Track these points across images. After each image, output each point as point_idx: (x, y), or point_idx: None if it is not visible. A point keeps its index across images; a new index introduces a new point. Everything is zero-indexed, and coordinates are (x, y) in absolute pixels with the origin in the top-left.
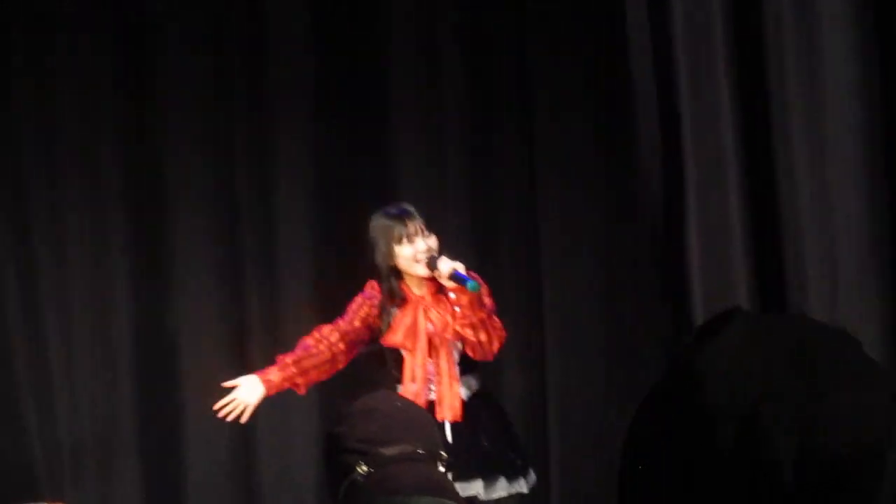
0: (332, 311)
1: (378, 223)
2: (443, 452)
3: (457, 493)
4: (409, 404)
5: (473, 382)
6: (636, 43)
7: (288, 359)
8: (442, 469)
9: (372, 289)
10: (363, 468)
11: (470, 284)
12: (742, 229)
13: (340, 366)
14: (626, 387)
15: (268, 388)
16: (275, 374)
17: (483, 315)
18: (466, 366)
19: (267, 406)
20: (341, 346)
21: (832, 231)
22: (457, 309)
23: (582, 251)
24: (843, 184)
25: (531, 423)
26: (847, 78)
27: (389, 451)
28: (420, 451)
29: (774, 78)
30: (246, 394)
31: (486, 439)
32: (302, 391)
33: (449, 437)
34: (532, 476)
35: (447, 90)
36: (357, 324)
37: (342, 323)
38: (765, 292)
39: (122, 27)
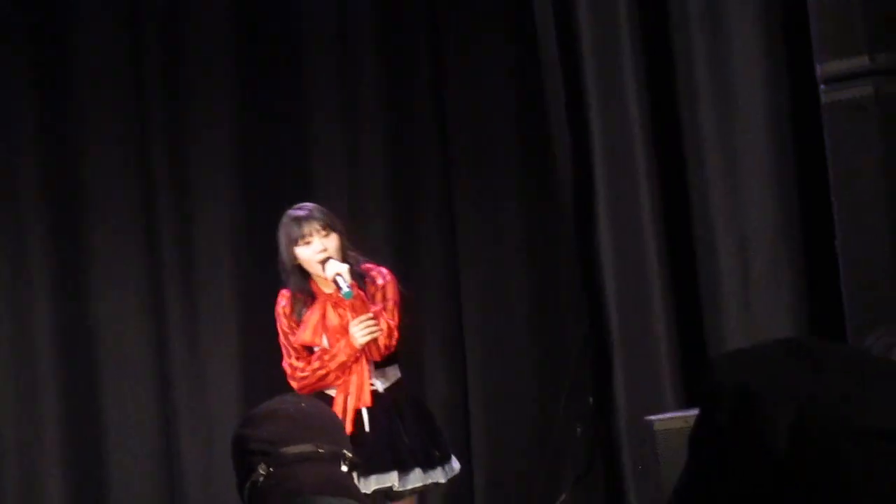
0: (252, 312)
1: (281, 224)
2: (347, 452)
3: (360, 493)
4: (316, 404)
5: (391, 374)
6: (546, 52)
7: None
8: (345, 469)
9: (283, 297)
10: (264, 469)
11: (343, 292)
12: (654, 229)
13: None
14: (545, 379)
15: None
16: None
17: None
18: (386, 359)
19: (190, 412)
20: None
21: (743, 228)
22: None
23: (500, 246)
24: (753, 180)
25: (453, 415)
26: (756, 78)
27: (291, 450)
28: (321, 451)
29: (683, 84)
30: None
31: (403, 430)
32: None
33: (367, 427)
34: (454, 466)
35: (364, 91)
36: (297, 345)
37: (293, 353)
38: (677, 289)
39: (36, 27)
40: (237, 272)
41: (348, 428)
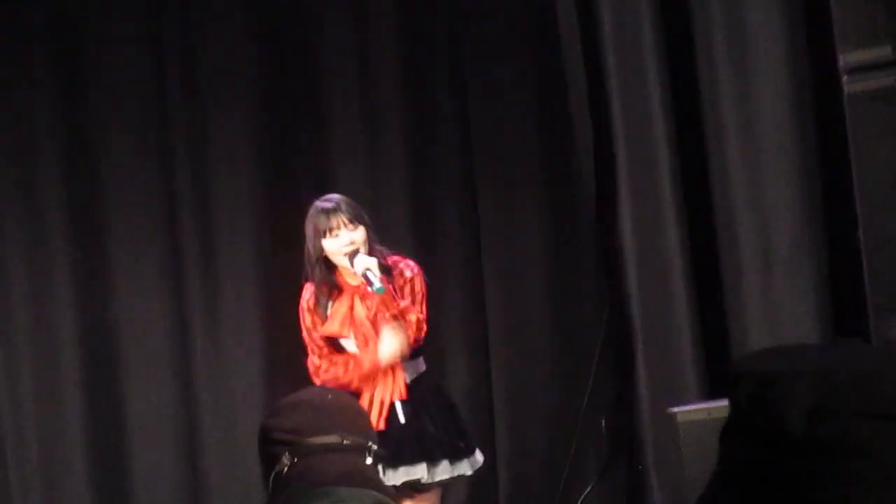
0: (275, 304)
1: (309, 215)
2: (372, 444)
3: (382, 484)
4: (341, 396)
5: (417, 367)
6: (568, 44)
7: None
8: (370, 460)
9: (307, 291)
10: (288, 458)
11: (373, 287)
12: (676, 218)
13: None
14: (568, 371)
15: None
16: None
17: (395, 311)
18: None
19: (214, 402)
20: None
21: (764, 216)
22: (374, 301)
23: (522, 237)
24: (774, 168)
25: (476, 408)
26: (777, 68)
27: (315, 441)
28: (346, 442)
29: (704, 73)
30: None
31: (430, 422)
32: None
33: (401, 418)
34: (477, 458)
35: (384, 85)
36: (320, 342)
37: (316, 350)
38: (699, 278)
39: (57, 29)
40: (259, 263)
41: (381, 421)
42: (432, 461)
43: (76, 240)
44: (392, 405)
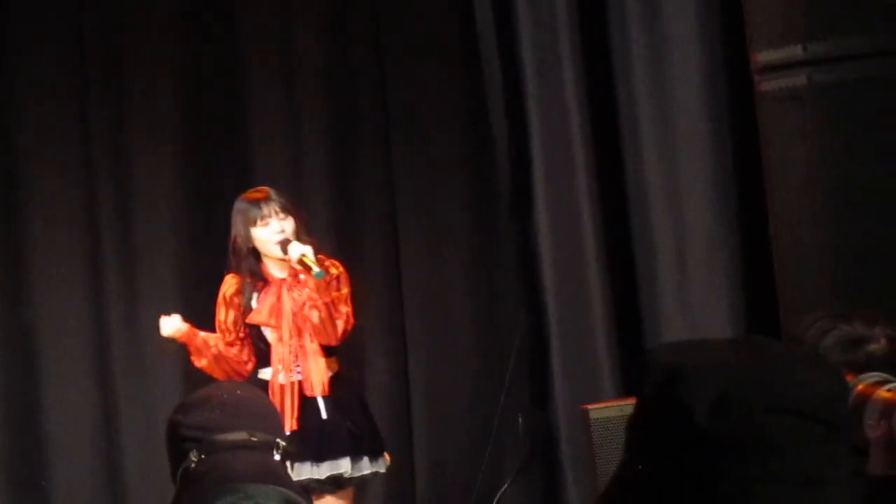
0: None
1: (236, 206)
2: (280, 441)
3: (291, 481)
4: (252, 391)
5: (334, 364)
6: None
7: (221, 345)
8: (279, 457)
9: (228, 283)
10: (195, 455)
11: (314, 272)
12: (591, 219)
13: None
14: (486, 370)
15: (189, 333)
16: (206, 338)
17: (328, 300)
18: (326, 349)
19: (132, 406)
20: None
21: (679, 216)
22: (306, 290)
23: (441, 238)
24: (690, 169)
25: (395, 406)
26: (691, 68)
27: (223, 438)
28: (254, 439)
29: (620, 73)
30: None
31: (350, 419)
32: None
33: (324, 414)
34: (386, 459)
35: (306, 83)
36: (234, 331)
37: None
38: (614, 278)
39: None
40: (179, 263)
41: (292, 420)
42: (355, 456)
43: None
44: (314, 400)
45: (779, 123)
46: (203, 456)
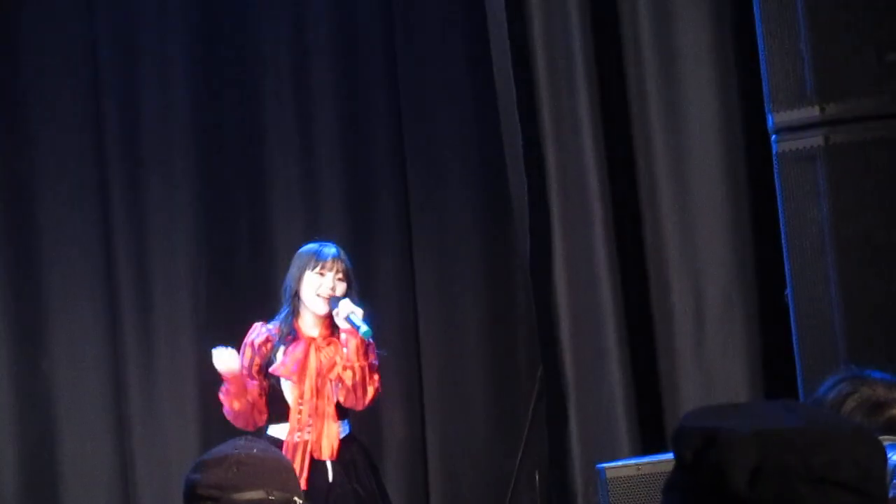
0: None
1: (299, 254)
2: (297, 499)
3: None
4: (268, 450)
5: (346, 426)
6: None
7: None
8: None
9: (258, 329)
10: None
11: (362, 331)
12: (609, 276)
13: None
14: (502, 426)
15: (240, 374)
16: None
17: (365, 364)
18: (341, 411)
19: (148, 457)
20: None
21: (697, 274)
22: (344, 351)
23: (458, 294)
24: (707, 226)
25: (411, 461)
26: (709, 126)
27: (240, 497)
28: (272, 498)
29: (638, 130)
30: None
31: (357, 482)
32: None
33: (330, 477)
34: None
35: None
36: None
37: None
38: (632, 336)
39: None
40: (195, 315)
41: (303, 480)
42: None
43: (12, 293)
44: (323, 462)
45: (796, 183)
46: None
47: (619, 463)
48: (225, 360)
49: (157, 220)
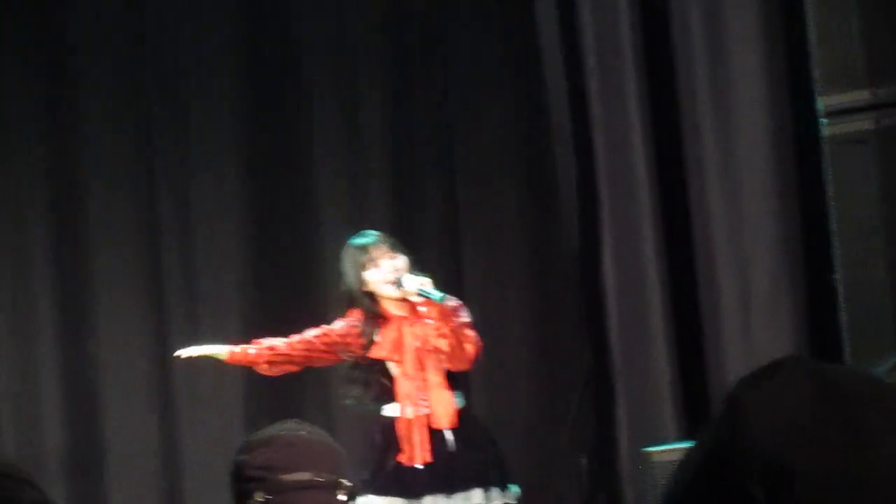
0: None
1: (345, 253)
2: (344, 480)
3: None
4: (315, 432)
5: (460, 399)
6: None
7: (262, 344)
8: (343, 497)
9: (353, 315)
10: (261, 496)
11: (436, 297)
12: (656, 260)
13: (314, 364)
14: (549, 411)
15: (230, 355)
16: (243, 349)
17: (454, 325)
18: (451, 381)
19: (193, 438)
20: (318, 344)
21: (744, 257)
22: (429, 321)
23: (504, 279)
24: (754, 207)
25: None
26: (758, 110)
27: (288, 478)
28: (319, 479)
29: (687, 116)
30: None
31: (479, 450)
32: (264, 372)
33: (452, 446)
34: (516, 489)
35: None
36: (340, 332)
37: (325, 327)
38: (679, 319)
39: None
40: (241, 296)
41: (423, 453)
42: (486, 487)
43: (59, 275)
44: (442, 433)
45: (844, 166)
46: (268, 496)
47: (667, 447)
48: (188, 354)
49: (203, 203)
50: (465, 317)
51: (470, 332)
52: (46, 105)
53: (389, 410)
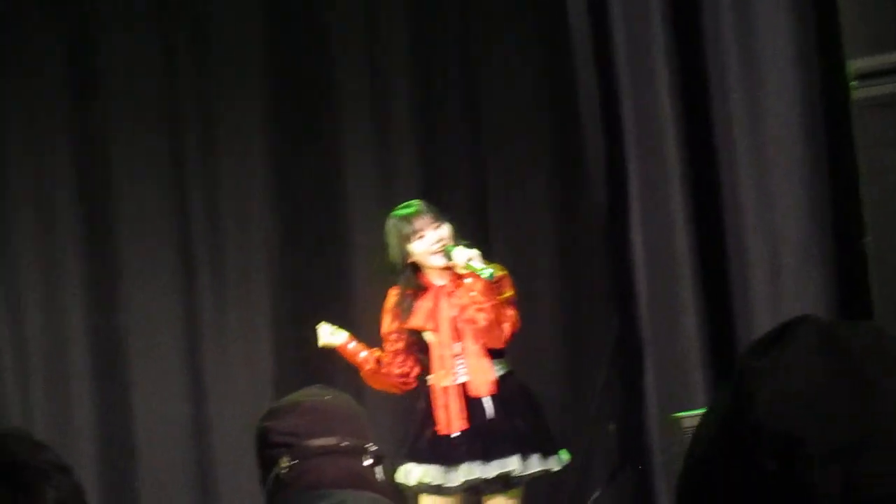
0: (284, 311)
1: (389, 224)
2: (369, 446)
3: (380, 486)
4: (339, 397)
5: (503, 365)
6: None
7: (373, 360)
8: (368, 462)
9: (389, 296)
10: (286, 461)
11: (485, 273)
12: (684, 226)
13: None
14: (577, 377)
15: (345, 345)
16: (357, 355)
17: (496, 301)
18: (494, 351)
19: (222, 407)
20: (407, 369)
21: (773, 223)
22: (472, 294)
23: (531, 246)
24: (783, 175)
25: None
26: (785, 73)
27: (313, 443)
28: (344, 444)
29: (715, 80)
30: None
31: (519, 417)
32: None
33: (490, 413)
34: (564, 456)
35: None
36: (395, 341)
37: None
38: (708, 286)
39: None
40: (269, 266)
41: (459, 420)
42: (524, 454)
43: (87, 244)
44: (479, 401)
45: (873, 130)
46: (294, 461)
47: (697, 412)
48: (323, 335)
49: (231, 177)
50: (508, 290)
51: (510, 312)
52: (69, 68)
53: (432, 379)
